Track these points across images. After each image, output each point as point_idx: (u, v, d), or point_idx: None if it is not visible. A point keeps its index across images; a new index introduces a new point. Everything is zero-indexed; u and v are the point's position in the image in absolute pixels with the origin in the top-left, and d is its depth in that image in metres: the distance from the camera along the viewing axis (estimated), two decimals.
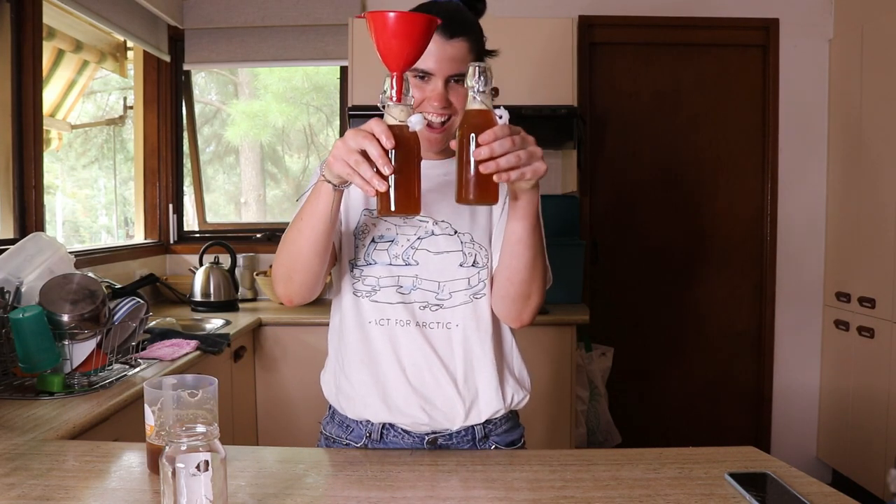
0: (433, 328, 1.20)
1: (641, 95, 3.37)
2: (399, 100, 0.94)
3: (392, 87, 0.94)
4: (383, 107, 0.96)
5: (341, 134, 3.48)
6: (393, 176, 0.92)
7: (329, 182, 1.01)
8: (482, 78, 0.95)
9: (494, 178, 0.93)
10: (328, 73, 3.85)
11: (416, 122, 0.94)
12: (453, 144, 0.97)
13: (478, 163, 0.92)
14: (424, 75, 1.16)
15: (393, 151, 0.92)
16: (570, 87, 2.82)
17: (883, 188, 2.87)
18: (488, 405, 1.21)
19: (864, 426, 2.98)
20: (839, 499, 0.99)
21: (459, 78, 1.16)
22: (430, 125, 1.17)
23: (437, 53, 1.14)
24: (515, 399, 1.25)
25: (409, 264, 1.19)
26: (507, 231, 1.12)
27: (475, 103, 0.95)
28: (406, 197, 0.94)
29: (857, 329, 3.03)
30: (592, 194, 3.35)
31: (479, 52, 1.21)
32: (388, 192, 0.93)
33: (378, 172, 0.92)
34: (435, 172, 1.23)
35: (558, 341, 2.67)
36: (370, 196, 0.96)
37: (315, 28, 3.26)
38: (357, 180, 0.93)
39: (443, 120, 1.18)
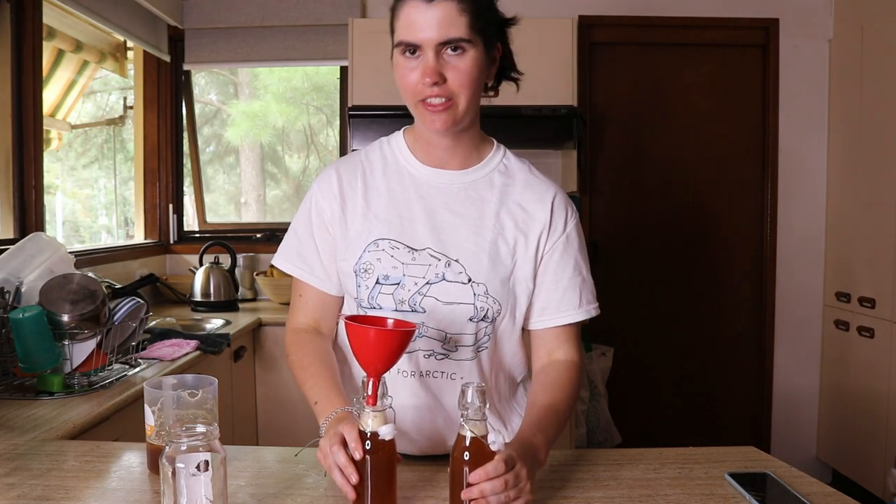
0: (437, 377, 1.15)
1: (641, 95, 3.37)
2: (374, 403, 0.91)
3: (367, 390, 0.91)
4: (358, 414, 0.93)
5: (341, 134, 3.50)
6: (368, 482, 0.89)
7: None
8: (474, 400, 0.87)
9: None
10: (328, 73, 3.85)
11: (385, 433, 0.89)
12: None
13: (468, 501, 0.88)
14: (413, 49, 1.03)
15: (368, 458, 0.89)
16: (570, 87, 2.81)
17: (883, 188, 2.87)
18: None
19: (864, 426, 2.98)
20: (839, 499, 1.00)
21: (456, 45, 1.02)
22: (428, 105, 1.05)
23: (420, 20, 1.00)
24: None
25: (416, 311, 1.12)
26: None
27: (465, 430, 0.88)
28: None
29: (857, 329, 3.02)
30: (592, 194, 3.35)
31: (479, 10, 1.03)
32: (361, 499, 0.90)
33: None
34: (456, 186, 1.15)
35: None
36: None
37: (315, 28, 3.26)
38: (334, 480, 0.92)
39: (440, 100, 1.04)
